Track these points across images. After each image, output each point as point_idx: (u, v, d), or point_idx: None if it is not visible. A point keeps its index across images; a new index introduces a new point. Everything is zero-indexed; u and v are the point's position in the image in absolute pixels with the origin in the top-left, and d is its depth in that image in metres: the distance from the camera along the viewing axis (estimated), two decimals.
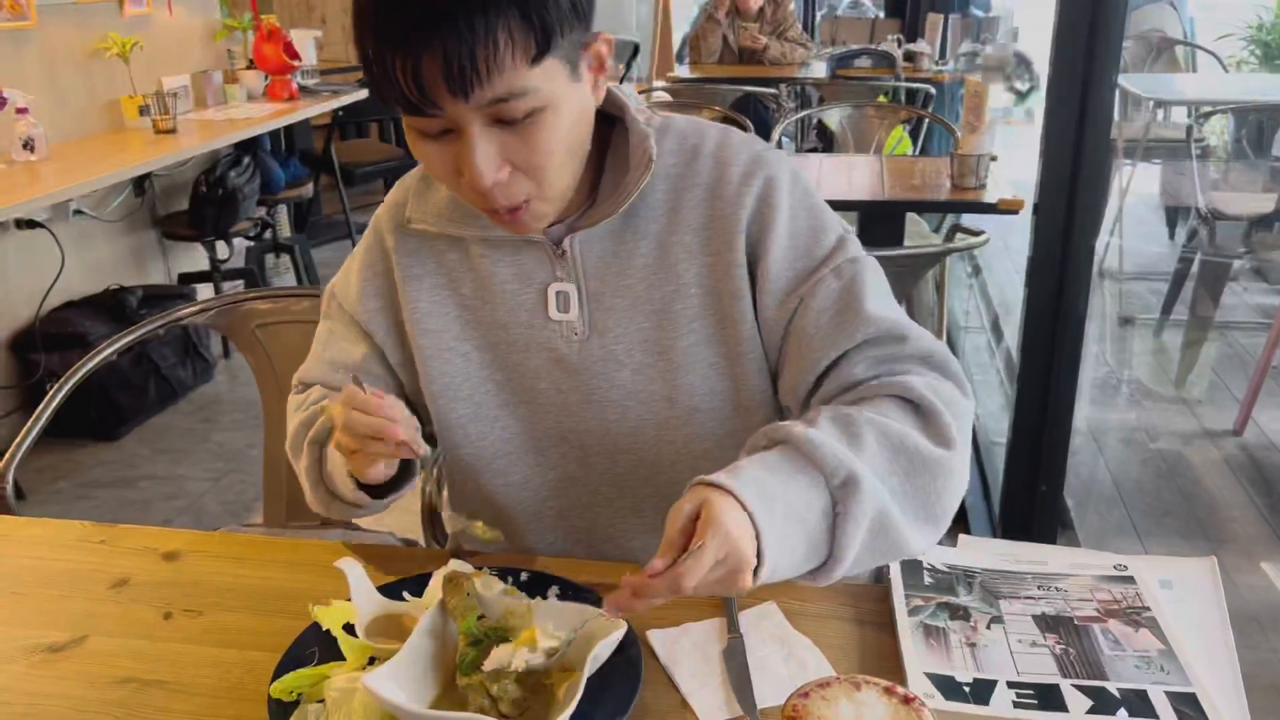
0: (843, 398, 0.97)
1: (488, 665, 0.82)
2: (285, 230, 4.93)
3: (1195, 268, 3.65)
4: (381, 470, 0.98)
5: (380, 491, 1.05)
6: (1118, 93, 2.08)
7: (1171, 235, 4.60)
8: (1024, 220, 2.66)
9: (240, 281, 4.28)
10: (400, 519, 1.79)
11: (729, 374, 1.05)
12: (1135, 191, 4.40)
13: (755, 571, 0.79)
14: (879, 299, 1.00)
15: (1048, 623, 0.94)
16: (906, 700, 0.71)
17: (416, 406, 1.14)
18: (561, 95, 0.89)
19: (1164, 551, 2.50)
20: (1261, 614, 2.14)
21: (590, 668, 0.82)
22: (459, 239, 1.07)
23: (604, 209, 1.02)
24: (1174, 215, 4.62)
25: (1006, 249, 4.56)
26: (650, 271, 1.03)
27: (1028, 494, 2.22)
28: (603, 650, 0.85)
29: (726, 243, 1.02)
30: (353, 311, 1.12)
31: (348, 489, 1.03)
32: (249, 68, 4.62)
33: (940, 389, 0.95)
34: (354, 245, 1.19)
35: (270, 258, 4.78)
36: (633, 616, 0.84)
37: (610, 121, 1.05)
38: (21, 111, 3.27)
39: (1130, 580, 1.00)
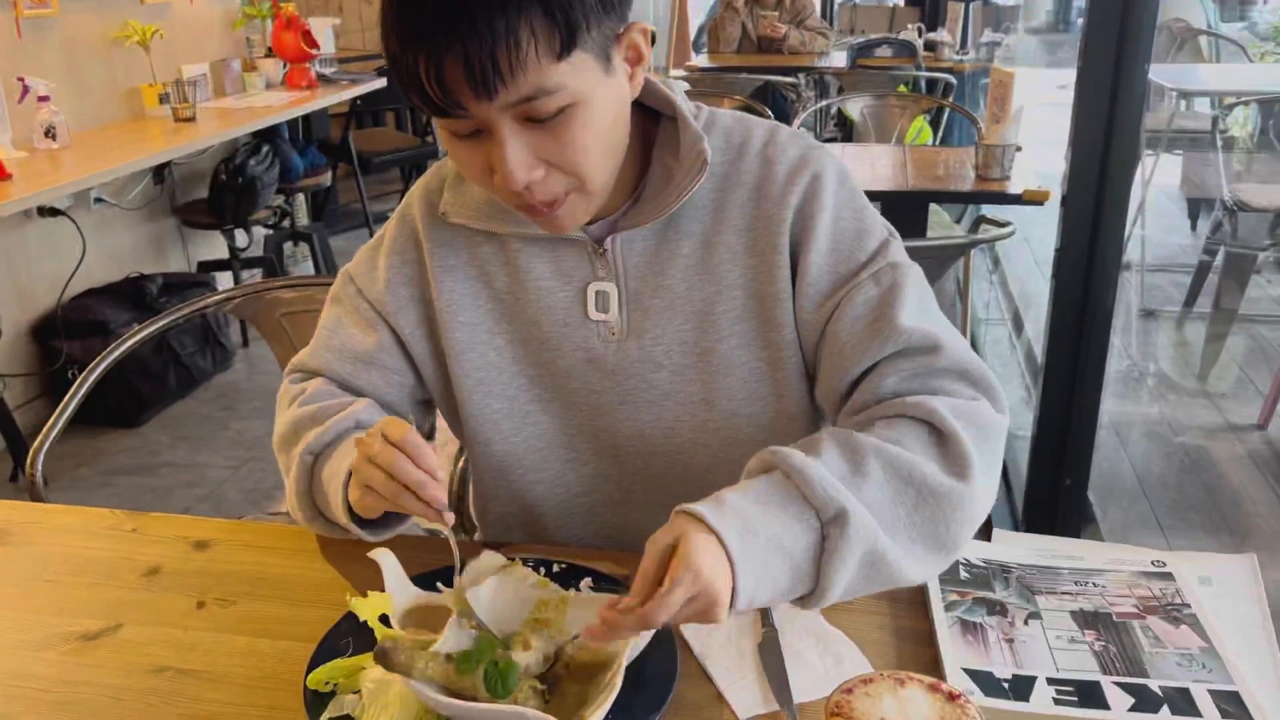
0: (868, 413, 0.94)
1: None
2: (303, 219, 4.93)
3: (1219, 260, 3.62)
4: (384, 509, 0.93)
5: (367, 525, 0.99)
6: None
7: (1193, 227, 4.57)
8: (1044, 212, 2.64)
9: (259, 270, 4.29)
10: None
11: (770, 379, 1.03)
12: (1155, 183, 4.37)
13: (733, 604, 0.77)
14: (917, 308, 0.97)
15: (1086, 619, 0.93)
16: (952, 697, 0.70)
17: (416, 407, 1.12)
18: (593, 90, 0.86)
19: (1189, 546, 2.49)
20: None
21: (628, 659, 0.82)
22: (496, 233, 1.04)
23: (650, 209, 1.00)
24: (1196, 207, 4.58)
25: (1027, 240, 4.54)
26: (693, 273, 1.01)
27: (1051, 488, 2.21)
28: (639, 643, 0.84)
29: (771, 243, 1.00)
30: (377, 299, 1.08)
31: (339, 514, 0.97)
32: (268, 56, 4.63)
33: (970, 411, 0.91)
34: (371, 234, 1.15)
35: (288, 246, 4.79)
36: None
37: (654, 116, 1.02)
38: (43, 99, 3.28)
39: (1169, 577, 0.99)
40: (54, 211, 3.33)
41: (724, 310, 1.01)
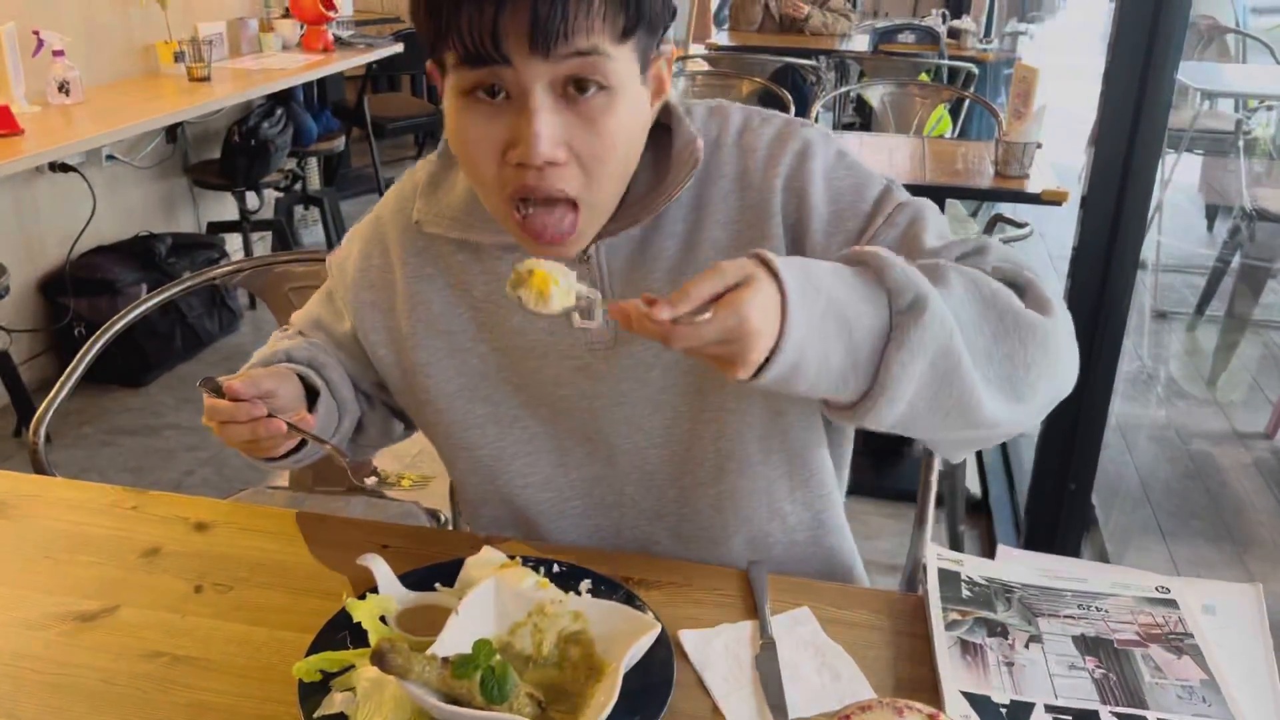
0: None
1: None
2: (315, 183, 4.91)
3: (1235, 264, 3.59)
4: (282, 446, 0.99)
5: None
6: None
7: (1210, 229, 4.52)
8: (1059, 209, 2.61)
9: (269, 232, 4.27)
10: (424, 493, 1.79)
11: None
12: (1173, 182, 4.32)
13: (772, 357, 0.72)
14: (942, 232, 0.93)
15: (1087, 644, 0.92)
16: None
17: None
18: (629, 86, 0.85)
19: (1190, 554, 2.48)
20: None
21: (625, 667, 0.82)
22: (472, 241, 1.01)
23: (634, 212, 0.97)
24: (1213, 209, 4.53)
25: (1042, 237, 4.50)
26: (676, 272, 0.98)
27: (1056, 492, 2.20)
28: (637, 651, 0.84)
29: (761, 232, 0.97)
30: (342, 294, 1.10)
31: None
32: (285, 16, 4.58)
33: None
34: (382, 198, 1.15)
35: (299, 209, 4.77)
36: (665, 617, 0.81)
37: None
38: (58, 54, 3.25)
39: (1173, 604, 0.98)
40: (65, 167, 3.31)
41: None
